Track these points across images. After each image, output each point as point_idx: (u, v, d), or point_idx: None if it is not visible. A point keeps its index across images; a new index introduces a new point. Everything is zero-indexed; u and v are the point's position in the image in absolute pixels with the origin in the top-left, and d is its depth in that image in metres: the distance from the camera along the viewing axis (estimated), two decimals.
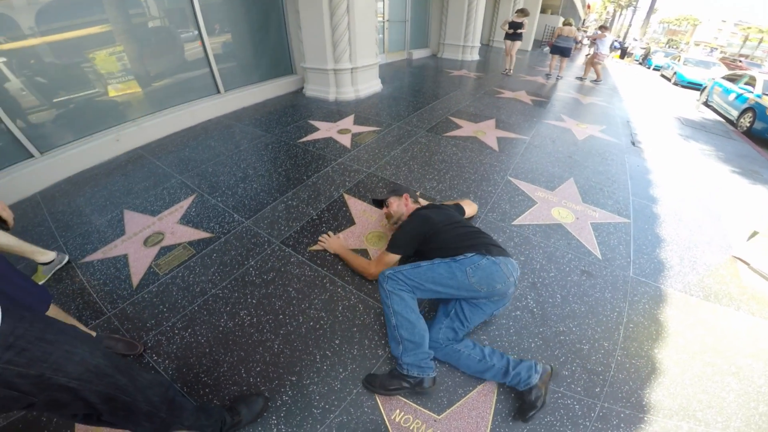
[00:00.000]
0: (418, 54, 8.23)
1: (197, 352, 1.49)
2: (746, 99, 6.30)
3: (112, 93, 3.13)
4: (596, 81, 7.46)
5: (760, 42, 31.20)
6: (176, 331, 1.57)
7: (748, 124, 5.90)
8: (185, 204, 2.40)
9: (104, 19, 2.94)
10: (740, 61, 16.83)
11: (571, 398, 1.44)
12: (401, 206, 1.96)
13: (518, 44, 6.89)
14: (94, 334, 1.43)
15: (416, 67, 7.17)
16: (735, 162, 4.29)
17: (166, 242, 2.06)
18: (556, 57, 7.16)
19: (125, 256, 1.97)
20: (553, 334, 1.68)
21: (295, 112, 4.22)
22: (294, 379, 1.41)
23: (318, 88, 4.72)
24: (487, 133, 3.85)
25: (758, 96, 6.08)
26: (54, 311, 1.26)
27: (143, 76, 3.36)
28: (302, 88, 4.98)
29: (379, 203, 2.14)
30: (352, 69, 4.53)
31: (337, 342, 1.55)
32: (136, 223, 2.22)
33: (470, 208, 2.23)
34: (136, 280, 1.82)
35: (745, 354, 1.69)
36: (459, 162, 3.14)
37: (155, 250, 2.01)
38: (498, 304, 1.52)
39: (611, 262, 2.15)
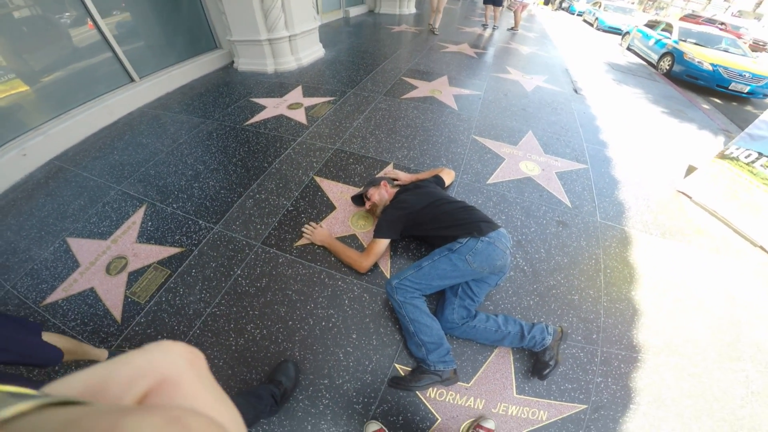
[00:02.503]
0: (355, 11, 7.71)
1: (221, 375, 1.42)
2: (665, 44, 6.89)
3: None
4: (513, 29, 7.58)
5: None
6: None
7: (668, 67, 6.55)
8: (137, 218, 2.12)
9: None
10: (722, 24, 12.25)
11: (575, 347, 1.62)
12: (383, 194, 1.96)
13: None
14: (106, 352, 1.36)
15: (355, 26, 6.76)
16: (663, 103, 4.81)
17: (132, 266, 1.83)
18: (490, 7, 7.19)
19: (92, 290, 1.73)
20: (545, 289, 1.84)
21: (231, 90, 3.81)
22: (326, 381, 1.42)
23: (252, 61, 4.27)
24: (443, 91, 3.85)
25: (675, 42, 6.69)
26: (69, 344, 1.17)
27: (28, 73, 2.73)
28: (232, 62, 4.47)
29: (359, 200, 2.11)
30: (290, 37, 4.13)
31: (354, 336, 1.56)
32: (87, 250, 1.92)
33: (448, 177, 2.28)
34: (117, 313, 1.63)
35: (703, 288, 1.98)
36: (423, 125, 3.13)
37: (123, 277, 1.78)
38: (501, 274, 1.63)
39: (580, 209, 2.36)
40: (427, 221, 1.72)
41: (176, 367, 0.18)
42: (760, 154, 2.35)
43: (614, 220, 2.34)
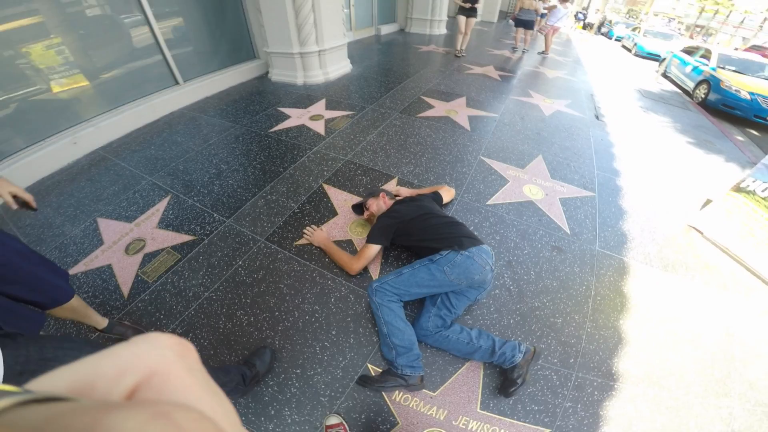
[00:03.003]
0: (386, 29, 8.04)
1: (203, 355, 1.54)
2: (701, 71, 6.60)
3: (56, 89, 2.87)
4: (543, 53, 7.55)
5: (715, 13, 32.48)
6: None
7: (703, 95, 6.25)
8: (161, 207, 2.35)
9: (33, 10, 2.64)
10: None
11: (549, 369, 1.61)
12: (380, 205, 2.07)
13: (474, 21, 6.15)
14: (107, 320, 1.52)
15: (385, 44, 7.03)
16: (691, 133, 4.64)
17: (148, 249, 2.04)
18: (521, 30, 7.26)
19: (109, 267, 1.94)
20: (529, 309, 1.85)
21: (262, 99, 4.09)
22: (299, 371, 1.51)
23: (284, 72, 4.57)
24: (459, 112, 3.94)
25: (713, 69, 6.40)
26: (75, 302, 1.33)
27: (90, 69, 3.11)
28: (267, 72, 4.80)
29: (359, 209, 2.22)
30: (319, 51, 4.41)
31: (333, 333, 1.65)
32: (112, 231, 2.16)
33: (448, 194, 2.35)
34: (125, 290, 1.82)
35: (700, 322, 1.91)
36: (433, 144, 3.23)
37: (139, 257, 1.99)
38: (480, 289, 1.67)
39: (579, 237, 2.35)
40: (415, 232, 1.81)
41: (165, 360, 0.17)
42: None
43: (614, 249, 2.31)
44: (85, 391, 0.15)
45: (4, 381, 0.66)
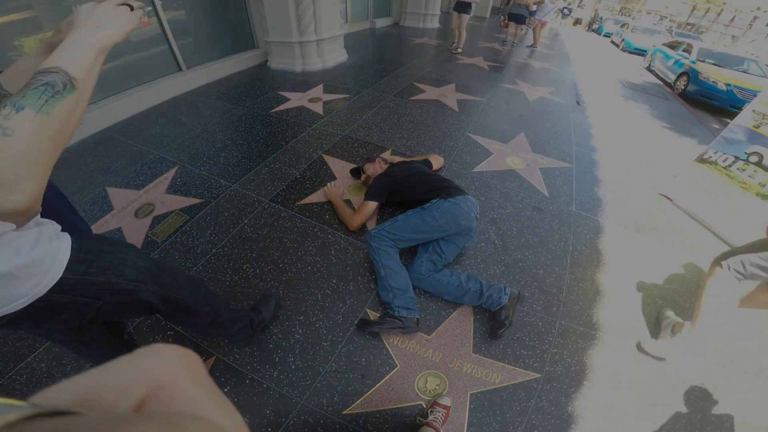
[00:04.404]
0: (381, 23, 8.02)
1: None
2: (683, 64, 6.76)
3: None
4: (532, 46, 7.58)
5: (706, 12, 32.49)
6: None
7: (683, 87, 6.39)
8: (169, 176, 2.39)
9: (26, 5, 2.60)
10: None
11: (534, 316, 1.67)
12: (376, 169, 2.15)
13: (467, 17, 5.70)
14: None
15: (379, 36, 7.04)
16: (668, 119, 4.76)
17: (157, 212, 2.07)
18: (512, 24, 7.30)
19: (119, 230, 1.96)
20: (513, 261, 1.94)
21: (262, 84, 4.11)
22: (302, 318, 1.56)
23: (283, 60, 4.59)
24: (449, 96, 4.01)
25: (693, 62, 6.54)
26: None
27: None
28: (266, 61, 4.80)
29: (357, 173, 2.30)
30: (317, 41, 4.43)
31: (334, 281, 1.72)
32: (122, 198, 2.19)
33: (437, 162, 2.43)
34: None
35: (671, 280, 2.00)
36: (424, 122, 3.30)
37: (148, 220, 2.02)
38: (467, 237, 1.76)
39: (557, 199, 2.46)
40: (408, 188, 1.89)
41: (172, 372, 0.17)
42: (737, 158, 2.35)
43: (589, 211, 2.41)
44: (92, 404, 0.14)
45: (69, 264, 0.69)
